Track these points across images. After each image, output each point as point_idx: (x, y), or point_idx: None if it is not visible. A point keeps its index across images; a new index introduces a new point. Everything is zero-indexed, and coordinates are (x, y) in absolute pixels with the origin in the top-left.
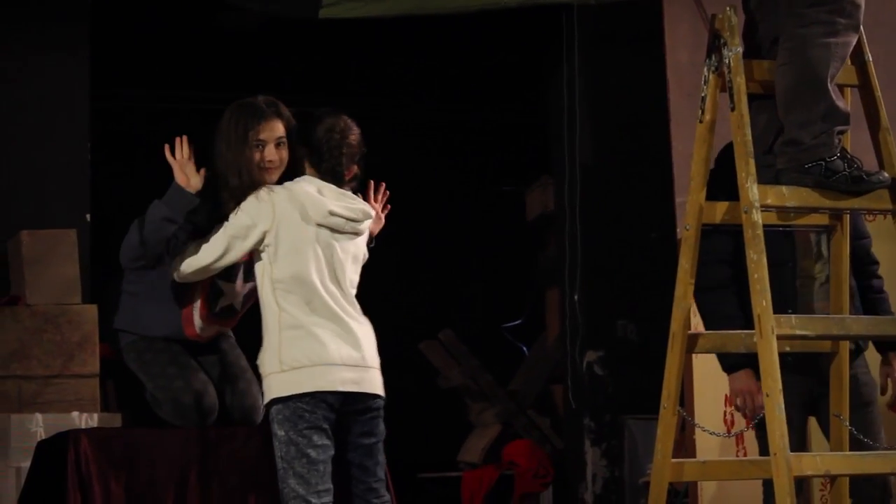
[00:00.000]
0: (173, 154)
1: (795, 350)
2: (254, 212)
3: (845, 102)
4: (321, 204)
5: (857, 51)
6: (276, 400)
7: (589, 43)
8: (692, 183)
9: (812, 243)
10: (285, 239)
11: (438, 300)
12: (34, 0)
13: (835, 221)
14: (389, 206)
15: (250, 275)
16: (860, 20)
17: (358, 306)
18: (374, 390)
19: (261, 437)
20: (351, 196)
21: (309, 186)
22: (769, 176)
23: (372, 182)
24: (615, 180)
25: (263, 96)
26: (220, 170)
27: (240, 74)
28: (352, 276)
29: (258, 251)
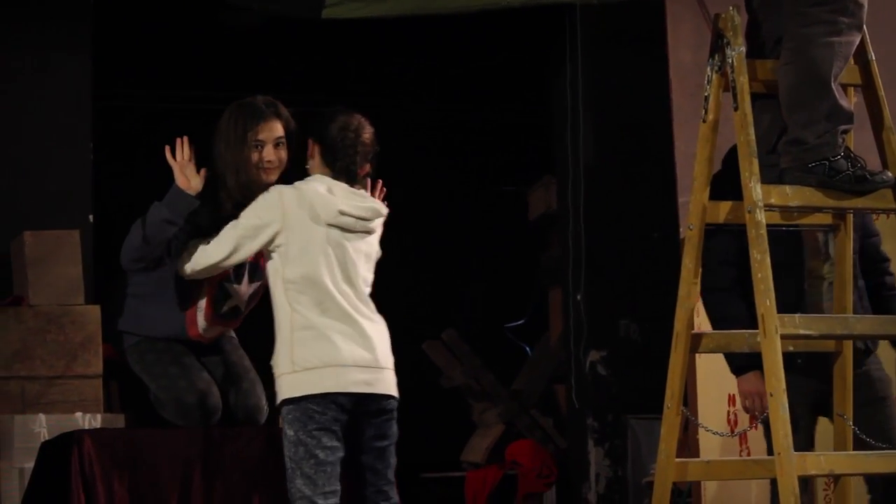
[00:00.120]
0: (174, 155)
1: (799, 349)
2: (263, 212)
3: (849, 102)
4: (331, 204)
5: (861, 50)
6: (287, 400)
7: (591, 43)
8: (695, 182)
9: (820, 244)
10: (296, 240)
11: (441, 300)
12: (36, 0)
13: (838, 221)
14: (387, 203)
15: (255, 276)
16: (863, 19)
17: (372, 305)
18: (388, 391)
19: (264, 438)
20: (362, 194)
21: (319, 186)
22: (773, 175)
23: (369, 179)
24: (618, 180)
25: (262, 96)
26: (219, 170)
27: (242, 74)
28: (365, 275)
29: (269, 251)
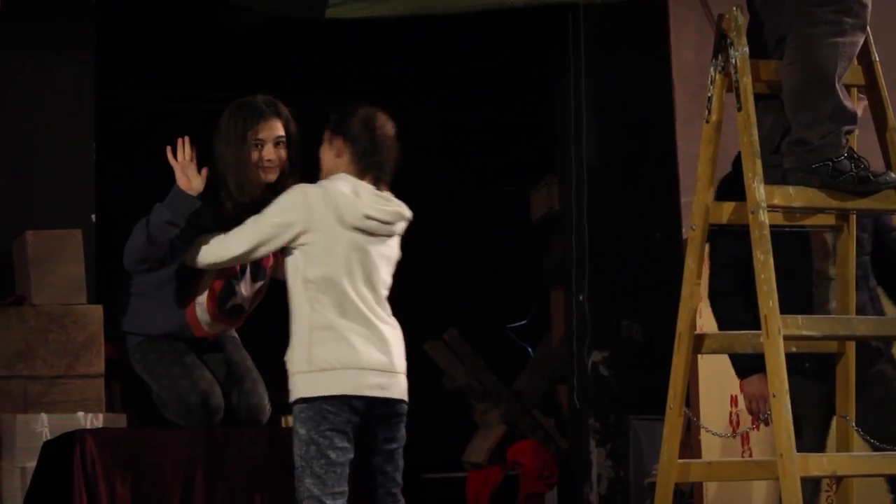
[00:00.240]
0: (175, 156)
1: (802, 350)
2: (289, 210)
3: (853, 102)
4: (357, 207)
5: (864, 51)
6: (302, 399)
7: (594, 43)
8: (698, 183)
9: (829, 245)
10: (319, 240)
11: (443, 301)
12: (39, 0)
13: (841, 222)
14: None
15: (258, 275)
16: (867, 20)
17: (388, 308)
18: (401, 396)
19: (267, 437)
20: (387, 197)
21: (344, 186)
22: (776, 176)
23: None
24: (620, 180)
25: (262, 96)
26: (220, 169)
27: (243, 74)
28: (385, 279)
29: (290, 248)
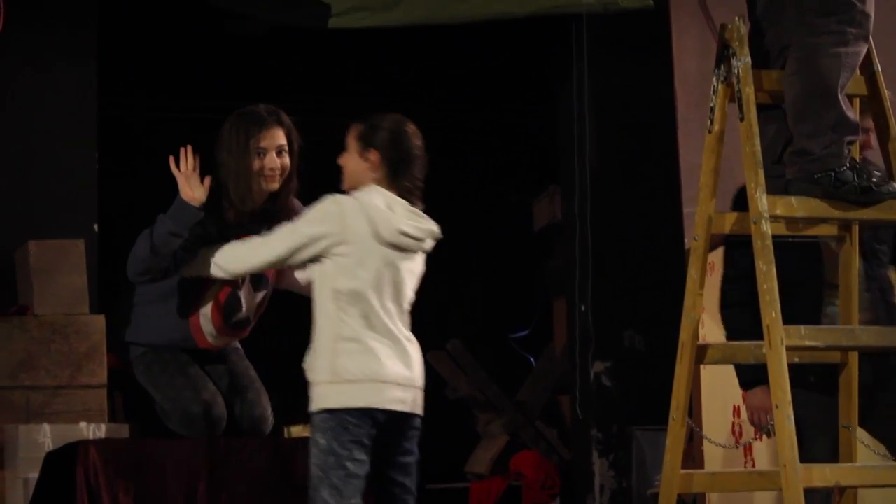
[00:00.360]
0: (178, 165)
1: (805, 361)
2: (323, 222)
3: (855, 113)
4: (393, 222)
5: (866, 61)
6: (325, 410)
7: (597, 52)
8: (701, 193)
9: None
10: (353, 253)
11: (445, 311)
12: (41, 8)
13: (844, 232)
14: None
15: (260, 285)
16: (870, 30)
17: (408, 323)
18: (419, 411)
19: (270, 448)
20: (419, 213)
21: (379, 200)
22: (778, 186)
23: None
24: (623, 190)
25: (265, 105)
26: (222, 178)
27: (246, 83)
28: (409, 294)
29: (321, 258)
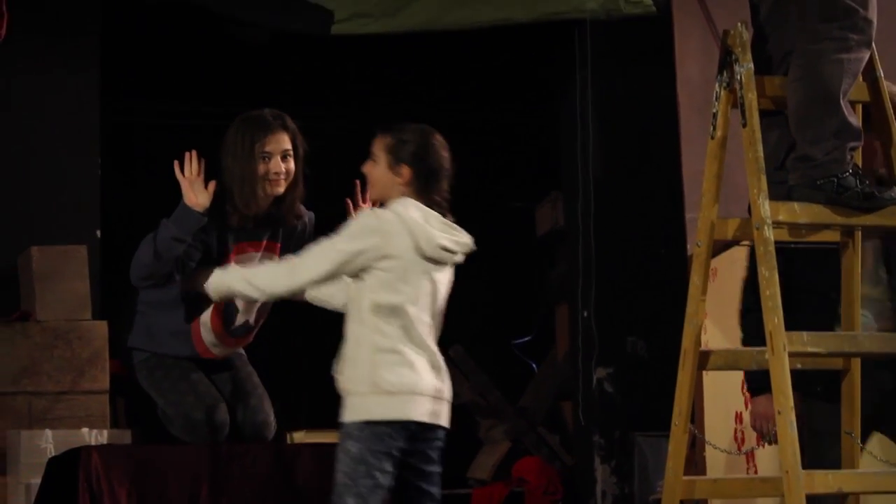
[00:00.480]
0: (182, 170)
1: (807, 367)
2: (362, 237)
3: (857, 119)
4: (433, 237)
5: (869, 67)
6: (362, 420)
7: (600, 57)
8: (703, 199)
9: (872, 268)
10: (395, 268)
11: (448, 316)
12: (44, 15)
13: (846, 238)
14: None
15: None
16: (872, 37)
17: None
18: (448, 423)
19: (272, 454)
20: (454, 227)
21: (416, 213)
22: (781, 192)
23: (358, 181)
24: (625, 196)
25: (269, 109)
26: (227, 182)
27: (250, 89)
28: (442, 306)
29: (361, 271)
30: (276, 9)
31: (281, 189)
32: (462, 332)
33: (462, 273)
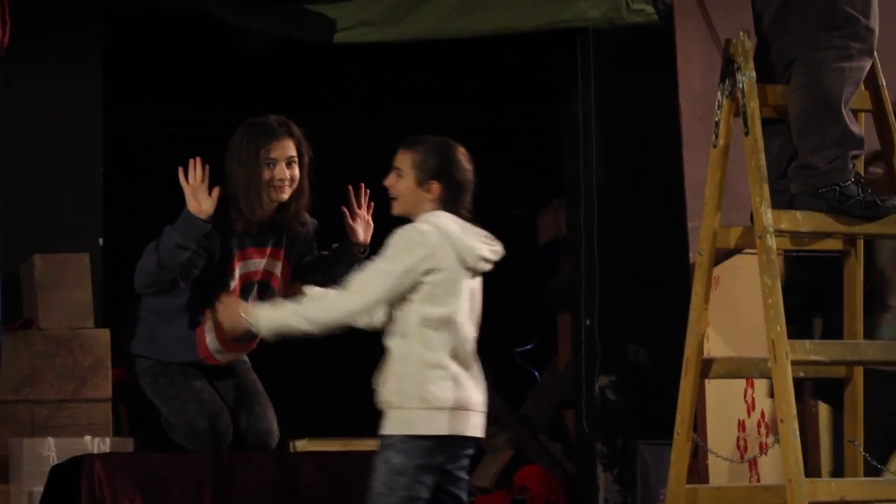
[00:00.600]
0: (187, 178)
1: (809, 375)
2: (410, 253)
3: (859, 127)
4: (474, 249)
5: (871, 76)
6: (410, 435)
7: (602, 66)
8: (706, 207)
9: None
10: (442, 281)
11: None
12: (46, 23)
13: (849, 246)
14: (373, 204)
15: (265, 294)
16: (874, 45)
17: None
18: (483, 433)
19: (275, 462)
20: (489, 236)
21: (453, 226)
22: (783, 200)
23: (351, 187)
24: (627, 204)
25: (275, 116)
26: (231, 188)
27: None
28: (479, 314)
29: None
30: (279, 17)
31: (285, 195)
32: None
33: None
